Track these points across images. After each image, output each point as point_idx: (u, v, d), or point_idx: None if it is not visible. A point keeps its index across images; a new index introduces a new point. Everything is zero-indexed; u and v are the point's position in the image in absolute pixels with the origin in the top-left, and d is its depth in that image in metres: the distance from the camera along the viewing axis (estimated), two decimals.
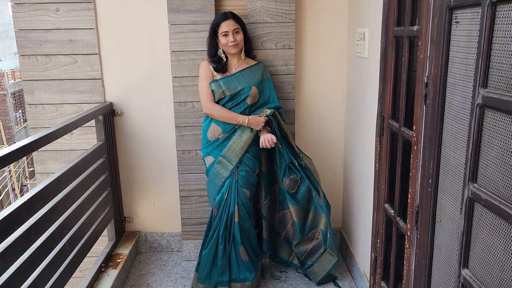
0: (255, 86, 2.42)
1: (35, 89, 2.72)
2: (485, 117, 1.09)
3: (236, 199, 2.41)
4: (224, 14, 2.35)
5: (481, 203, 1.10)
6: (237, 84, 2.40)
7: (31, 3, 2.60)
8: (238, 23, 2.34)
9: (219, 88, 2.39)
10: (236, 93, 2.40)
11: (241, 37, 2.35)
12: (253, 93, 2.41)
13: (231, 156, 2.43)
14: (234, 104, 2.41)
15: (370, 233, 2.17)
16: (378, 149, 2.01)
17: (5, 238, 1.49)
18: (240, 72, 2.42)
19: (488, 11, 1.04)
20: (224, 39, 2.33)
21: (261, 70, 2.47)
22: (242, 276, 2.45)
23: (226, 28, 2.31)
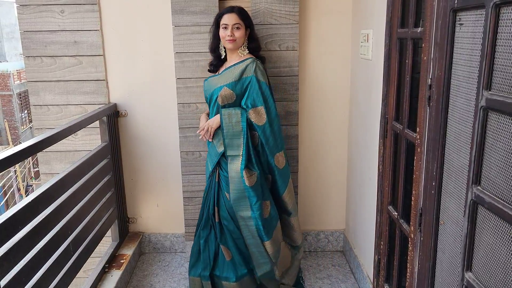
0: (228, 87, 2.22)
1: (40, 90, 2.73)
2: (489, 119, 1.08)
3: (216, 200, 2.32)
4: (230, 7, 2.26)
5: (484, 206, 1.10)
6: (212, 84, 2.29)
7: (37, 4, 2.61)
8: (241, 19, 2.21)
9: (204, 89, 2.37)
10: (211, 94, 2.29)
11: (240, 34, 2.21)
12: (223, 94, 2.22)
13: (209, 159, 2.38)
14: (211, 106, 2.33)
15: (373, 235, 2.16)
16: (381, 151, 2.00)
17: (9, 238, 1.50)
18: (226, 70, 2.28)
19: (492, 13, 1.04)
20: (223, 32, 2.22)
21: (242, 67, 2.23)
22: (225, 275, 2.34)
23: (226, 21, 2.20)
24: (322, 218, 2.99)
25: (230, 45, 2.23)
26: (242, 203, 2.22)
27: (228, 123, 2.21)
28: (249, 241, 2.28)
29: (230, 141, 2.22)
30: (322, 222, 2.99)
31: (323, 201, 2.97)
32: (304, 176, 2.89)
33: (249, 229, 2.26)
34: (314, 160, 2.89)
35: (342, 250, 3.00)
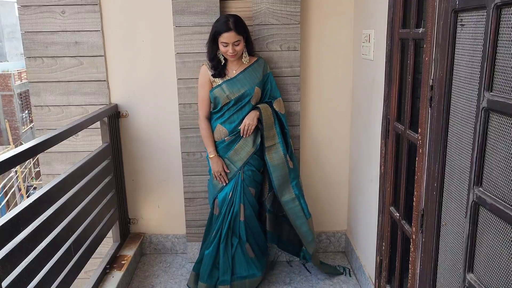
0: (258, 86, 2.42)
1: (41, 91, 2.73)
2: (490, 120, 1.08)
3: (241, 198, 2.43)
4: (226, 24, 2.28)
5: (486, 207, 1.10)
6: (239, 86, 2.40)
7: (38, 5, 2.62)
8: (240, 34, 2.29)
9: (222, 93, 2.40)
10: (240, 96, 2.40)
11: (241, 47, 2.33)
12: (256, 93, 2.42)
13: (236, 159, 2.45)
14: (239, 108, 2.43)
15: (375, 236, 2.16)
16: (383, 152, 2.00)
17: (11, 239, 1.50)
18: (241, 74, 2.41)
19: (493, 14, 1.03)
20: (224, 48, 2.31)
21: (261, 66, 2.46)
22: (251, 272, 2.47)
23: (226, 40, 2.28)
24: (324, 218, 2.98)
25: (232, 59, 2.37)
26: (285, 187, 2.47)
27: (266, 117, 2.42)
28: (298, 221, 2.50)
29: (268, 133, 2.44)
30: (323, 222, 2.99)
31: (325, 202, 2.96)
32: (306, 176, 2.89)
33: (295, 210, 2.49)
34: (316, 160, 2.89)
35: (344, 251, 3.00)
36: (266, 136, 2.43)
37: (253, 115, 2.41)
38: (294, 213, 2.48)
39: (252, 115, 2.41)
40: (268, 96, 2.49)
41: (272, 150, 2.45)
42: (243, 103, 2.42)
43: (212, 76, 2.42)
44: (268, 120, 2.43)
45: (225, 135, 2.45)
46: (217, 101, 2.43)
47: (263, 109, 2.42)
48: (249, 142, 2.44)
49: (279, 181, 2.44)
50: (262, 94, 2.48)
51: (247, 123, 2.39)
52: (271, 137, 2.45)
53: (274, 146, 2.45)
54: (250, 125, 2.39)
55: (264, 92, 2.49)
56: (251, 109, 2.44)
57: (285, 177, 2.45)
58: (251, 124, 2.39)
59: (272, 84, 2.50)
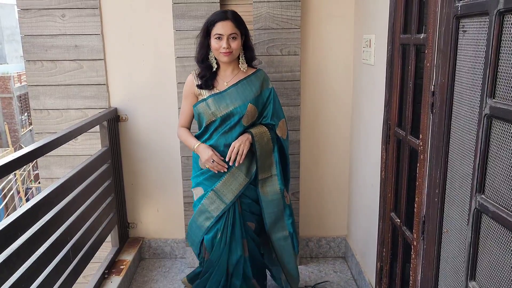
0: (252, 103, 2.00)
1: (40, 94, 2.72)
2: (493, 127, 1.07)
3: (243, 233, 2.08)
4: (223, 13, 1.95)
5: (488, 215, 1.09)
6: (228, 102, 1.99)
7: (38, 9, 2.61)
8: (238, 28, 1.95)
9: (207, 109, 2.00)
10: (227, 114, 1.99)
11: (237, 45, 1.95)
12: (249, 112, 2.00)
13: (226, 192, 2.04)
14: (227, 129, 2.01)
15: (376, 241, 2.15)
16: (384, 157, 1.99)
17: (9, 245, 1.49)
18: (234, 87, 2.01)
19: (496, 21, 1.03)
20: (216, 43, 1.93)
21: (259, 80, 2.05)
22: None
23: (221, 30, 1.91)
24: (324, 223, 2.97)
25: (225, 58, 1.95)
26: (279, 224, 2.14)
27: (261, 143, 2.01)
28: (286, 258, 2.21)
29: (263, 163, 2.04)
30: (323, 227, 2.98)
31: (324, 207, 2.95)
32: (306, 181, 2.88)
33: (285, 248, 2.18)
34: (316, 165, 2.88)
35: (344, 256, 2.99)
36: (260, 165, 2.04)
37: (244, 138, 1.98)
38: (283, 250, 2.18)
39: (243, 138, 1.98)
40: (270, 117, 2.08)
41: (266, 183, 2.08)
42: (231, 123, 2.00)
43: (198, 87, 2.04)
44: (265, 147, 2.03)
45: None
46: (201, 119, 2.05)
47: (256, 134, 2.00)
48: (242, 170, 2.03)
49: (271, 219, 2.11)
50: (258, 113, 2.06)
51: (237, 146, 1.95)
52: (266, 167, 2.07)
53: (270, 178, 2.08)
54: (240, 148, 1.96)
55: (263, 111, 2.08)
56: (243, 131, 2.03)
57: (280, 213, 2.12)
58: (242, 147, 1.96)
59: (275, 102, 2.09)
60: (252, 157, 2.05)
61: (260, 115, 2.08)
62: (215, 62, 2.03)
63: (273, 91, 2.10)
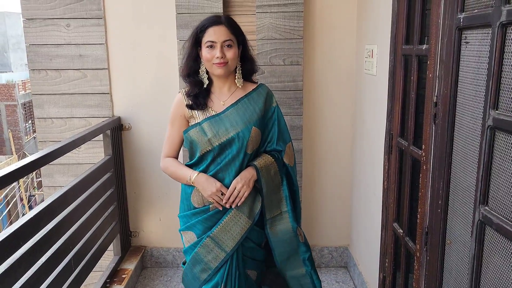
0: (256, 126, 1.67)
1: (44, 103, 2.74)
2: (496, 139, 1.07)
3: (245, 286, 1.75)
4: (216, 17, 1.66)
5: (492, 227, 1.08)
6: (228, 126, 1.65)
7: (43, 18, 2.63)
8: (233, 34, 1.64)
9: (202, 136, 1.65)
10: (228, 141, 1.64)
11: (233, 54, 1.63)
12: (254, 137, 1.66)
13: (225, 238, 1.68)
14: (228, 160, 1.66)
15: (378, 251, 2.14)
16: (386, 167, 1.99)
17: (11, 254, 1.49)
18: (233, 107, 1.68)
19: (499, 33, 1.03)
20: (208, 53, 1.61)
21: (262, 97, 1.73)
22: None
23: (213, 37, 1.60)
24: (326, 233, 2.96)
25: (219, 70, 1.63)
26: (292, 261, 1.79)
27: (267, 179, 1.69)
28: None
29: (270, 200, 1.72)
30: (326, 237, 2.96)
31: (327, 216, 2.94)
32: (308, 190, 2.87)
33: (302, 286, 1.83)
34: (318, 174, 2.88)
35: (346, 266, 2.97)
36: (268, 203, 1.71)
37: (248, 175, 1.66)
38: None
39: (247, 175, 1.66)
40: (276, 142, 1.75)
41: (276, 222, 1.74)
42: (232, 151, 1.66)
43: (188, 107, 1.69)
44: (272, 182, 1.71)
45: (208, 201, 1.69)
46: (194, 148, 1.69)
47: (262, 167, 1.68)
48: (244, 212, 1.68)
49: (283, 257, 1.78)
50: (262, 137, 1.73)
51: (238, 187, 1.63)
52: (275, 204, 1.74)
53: (280, 216, 1.74)
54: (242, 190, 1.64)
55: (267, 134, 1.75)
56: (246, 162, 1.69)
57: (293, 251, 1.79)
58: (245, 188, 1.64)
59: (280, 123, 1.76)
60: (255, 194, 1.71)
61: (263, 140, 1.74)
62: (207, 77, 1.69)
63: (277, 110, 1.76)
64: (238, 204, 1.65)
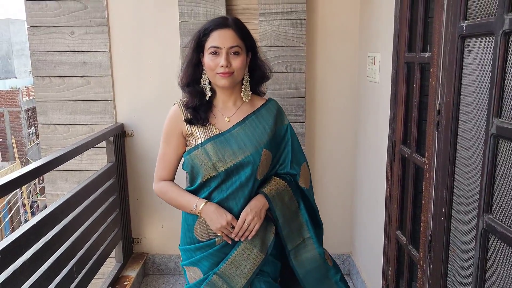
0: (267, 148, 1.46)
1: (48, 110, 2.75)
2: (500, 147, 1.07)
3: None
4: (222, 19, 1.43)
5: (496, 236, 1.07)
6: (236, 148, 1.43)
7: (47, 26, 2.65)
8: (241, 38, 1.42)
9: (206, 160, 1.42)
10: (236, 165, 1.42)
11: (241, 63, 1.41)
12: (265, 161, 1.45)
13: (235, 275, 1.46)
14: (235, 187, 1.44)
15: (381, 259, 2.13)
16: (389, 175, 1.98)
17: (13, 261, 1.49)
18: (240, 125, 1.46)
19: (501, 41, 1.03)
20: (211, 60, 1.39)
21: (272, 113, 1.52)
22: None
23: (217, 42, 1.38)
24: (329, 240, 2.91)
25: (224, 81, 1.40)
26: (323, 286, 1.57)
27: (281, 207, 1.48)
28: None
29: (289, 230, 1.50)
30: (328, 244, 2.91)
31: (329, 223, 2.92)
32: None
33: None
34: (321, 181, 2.87)
35: (349, 274, 2.95)
36: (287, 233, 1.50)
37: (259, 205, 1.44)
38: None
39: (257, 205, 1.44)
40: (289, 165, 1.54)
41: (301, 251, 1.52)
42: (241, 178, 1.44)
43: (187, 122, 1.47)
44: (287, 209, 1.50)
45: (214, 234, 1.47)
46: (195, 173, 1.47)
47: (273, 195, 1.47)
48: (256, 245, 1.47)
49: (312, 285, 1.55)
50: (273, 160, 1.51)
51: (248, 219, 1.42)
52: (296, 232, 1.52)
53: (303, 243, 1.53)
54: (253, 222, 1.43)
55: (279, 157, 1.54)
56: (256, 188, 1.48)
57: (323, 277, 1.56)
58: (256, 220, 1.43)
59: (293, 143, 1.55)
60: (266, 224, 1.49)
61: (274, 162, 1.52)
62: (209, 87, 1.47)
63: (290, 129, 1.56)
64: (249, 238, 1.44)
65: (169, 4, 2.63)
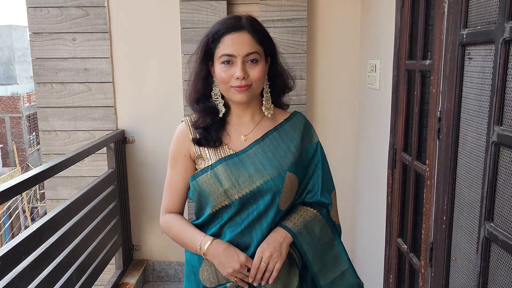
0: (292, 171, 1.21)
1: (49, 116, 2.76)
2: (501, 155, 1.07)
3: None
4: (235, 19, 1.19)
5: (498, 244, 1.07)
6: (252, 171, 1.18)
7: (49, 32, 2.67)
8: (260, 43, 1.18)
9: (217, 185, 1.18)
10: (253, 193, 1.17)
11: (260, 73, 1.16)
12: (289, 186, 1.20)
13: None
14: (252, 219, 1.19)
15: (382, 267, 2.12)
16: (390, 182, 1.98)
17: (13, 268, 1.48)
18: (258, 144, 1.22)
19: (502, 49, 1.03)
20: (224, 71, 1.15)
21: (299, 129, 1.28)
22: None
23: (230, 49, 1.14)
24: None
25: (240, 96, 1.17)
26: None
27: (312, 240, 1.24)
28: None
29: (322, 264, 1.26)
30: None
31: None
32: None
33: None
34: None
35: None
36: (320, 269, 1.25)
37: (279, 239, 1.19)
38: None
39: (277, 239, 1.19)
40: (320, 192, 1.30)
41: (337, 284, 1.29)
42: (259, 208, 1.19)
43: (196, 143, 1.24)
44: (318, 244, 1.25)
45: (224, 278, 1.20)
46: (204, 202, 1.24)
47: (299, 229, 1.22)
48: None
49: None
50: (299, 186, 1.26)
51: (266, 257, 1.16)
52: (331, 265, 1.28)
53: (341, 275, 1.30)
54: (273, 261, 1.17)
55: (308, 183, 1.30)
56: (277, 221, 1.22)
57: None
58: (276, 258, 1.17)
59: (324, 166, 1.33)
60: (289, 264, 1.23)
61: (301, 189, 1.28)
62: (222, 102, 1.24)
63: (320, 148, 1.33)
64: (270, 282, 1.17)
65: (171, 11, 2.65)
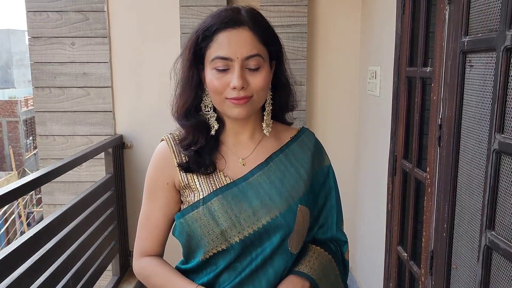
0: (303, 203, 0.99)
1: (47, 120, 2.74)
2: (502, 163, 1.06)
3: None
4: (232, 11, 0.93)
5: (499, 252, 1.06)
6: (256, 205, 0.94)
7: (48, 37, 2.66)
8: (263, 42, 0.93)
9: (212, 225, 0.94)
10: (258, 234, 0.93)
11: (263, 81, 0.92)
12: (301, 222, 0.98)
13: None
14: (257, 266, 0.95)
15: (382, 275, 2.10)
16: (390, 189, 1.97)
17: (8, 275, 1.46)
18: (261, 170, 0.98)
19: (503, 57, 1.03)
20: (217, 78, 0.92)
21: (309, 150, 1.09)
22: None
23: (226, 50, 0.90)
24: None
25: (237, 111, 0.93)
26: None
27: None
28: None
29: None
30: None
31: None
32: None
33: None
34: None
35: None
36: None
37: None
38: None
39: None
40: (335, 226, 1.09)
41: None
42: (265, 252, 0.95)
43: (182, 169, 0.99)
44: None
45: None
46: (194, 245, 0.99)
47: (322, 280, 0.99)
48: None
49: None
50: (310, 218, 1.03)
51: None
52: None
53: None
54: None
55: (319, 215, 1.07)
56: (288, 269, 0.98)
57: None
58: None
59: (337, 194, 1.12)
60: None
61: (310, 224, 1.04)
62: (215, 116, 1.00)
63: (332, 172, 1.15)
64: None
65: (170, 16, 2.64)
